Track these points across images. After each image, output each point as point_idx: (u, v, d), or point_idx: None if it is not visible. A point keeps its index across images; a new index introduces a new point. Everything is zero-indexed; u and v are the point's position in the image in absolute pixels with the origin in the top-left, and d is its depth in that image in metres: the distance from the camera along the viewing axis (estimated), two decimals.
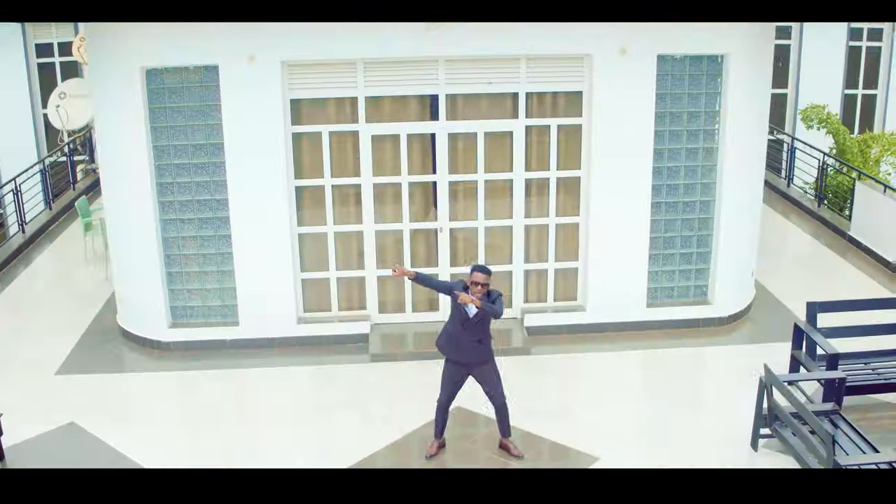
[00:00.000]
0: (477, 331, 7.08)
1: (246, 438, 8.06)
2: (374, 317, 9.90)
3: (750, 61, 9.50)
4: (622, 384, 8.96)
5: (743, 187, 9.85)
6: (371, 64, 9.14)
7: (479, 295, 6.89)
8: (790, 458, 7.38)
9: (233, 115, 9.05)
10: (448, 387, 7.35)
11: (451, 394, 7.38)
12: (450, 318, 7.22)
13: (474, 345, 7.12)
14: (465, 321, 7.05)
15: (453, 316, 7.15)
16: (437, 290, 7.46)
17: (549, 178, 9.68)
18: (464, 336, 7.09)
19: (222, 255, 9.58)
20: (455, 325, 7.13)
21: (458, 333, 7.11)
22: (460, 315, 7.06)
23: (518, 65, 9.29)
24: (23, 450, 7.96)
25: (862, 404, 8.29)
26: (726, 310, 10.09)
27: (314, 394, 8.88)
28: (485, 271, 6.93)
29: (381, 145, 9.45)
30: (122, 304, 10.14)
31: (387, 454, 7.69)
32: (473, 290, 6.89)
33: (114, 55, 9.07)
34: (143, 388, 9.17)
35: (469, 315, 7.01)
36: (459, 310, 7.05)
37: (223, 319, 9.77)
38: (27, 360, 9.81)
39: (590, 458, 7.52)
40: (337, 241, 9.71)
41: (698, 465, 7.41)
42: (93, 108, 9.68)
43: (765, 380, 7.38)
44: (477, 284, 6.87)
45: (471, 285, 6.91)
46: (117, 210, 9.69)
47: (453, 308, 7.12)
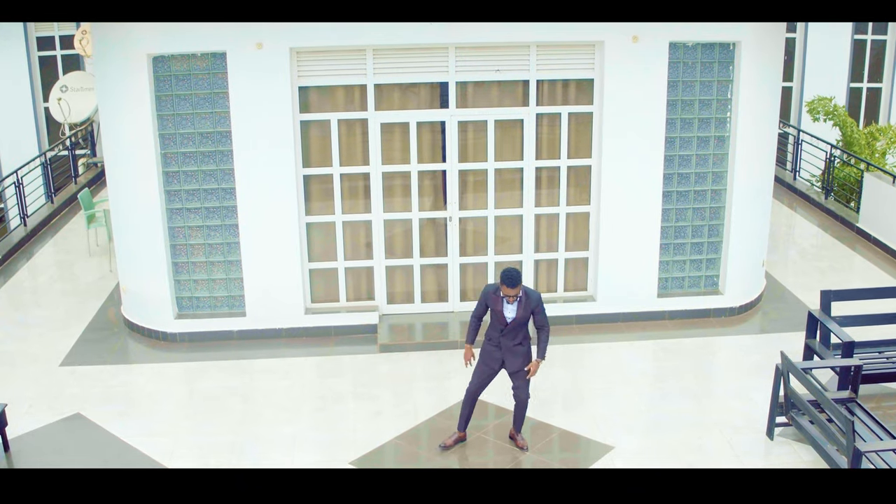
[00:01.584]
0: (516, 334, 7.01)
1: (253, 429, 7.96)
2: (383, 307, 9.80)
3: (762, 49, 9.42)
4: (634, 374, 8.87)
5: (754, 176, 9.77)
6: (380, 51, 9.04)
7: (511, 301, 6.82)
8: (807, 446, 7.32)
9: (240, 102, 8.95)
10: (480, 377, 7.20)
11: (482, 384, 7.24)
12: (490, 324, 7.12)
13: (514, 348, 7.04)
14: (505, 326, 6.97)
15: (493, 321, 7.07)
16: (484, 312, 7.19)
17: (560, 167, 9.59)
18: (504, 340, 7.02)
19: (229, 244, 9.48)
20: (495, 330, 7.06)
21: (498, 338, 7.04)
22: (499, 320, 6.99)
23: (528, 52, 9.20)
24: (28, 441, 7.86)
25: (876, 393, 8.24)
26: (737, 300, 10.01)
27: (322, 384, 8.77)
28: (514, 283, 6.72)
29: (391, 133, 9.35)
30: (127, 296, 10.04)
31: (397, 444, 7.61)
32: (506, 291, 6.78)
33: (119, 42, 8.96)
34: (148, 379, 9.06)
35: (508, 321, 6.93)
36: (496, 316, 6.97)
37: (230, 310, 9.68)
38: (31, 352, 9.71)
39: (604, 447, 7.44)
40: (345, 230, 9.61)
41: (713, 454, 7.35)
42: (98, 96, 9.56)
43: (781, 367, 7.30)
44: (507, 297, 6.81)
45: (503, 287, 6.79)
46: (122, 199, 9.58)
47: (492, 313, 7.03)
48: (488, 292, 7.01)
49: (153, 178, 9.19)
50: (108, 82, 9.23)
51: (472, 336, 7.20)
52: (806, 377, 7.01)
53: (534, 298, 6.90)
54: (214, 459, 7.44)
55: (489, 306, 7.01)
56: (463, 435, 7.47)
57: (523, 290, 6.88)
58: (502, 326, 6.98)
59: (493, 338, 7.09)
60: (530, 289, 6.97)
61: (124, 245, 9.78)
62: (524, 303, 6.86)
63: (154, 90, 9.00)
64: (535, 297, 6.92)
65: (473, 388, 7.26)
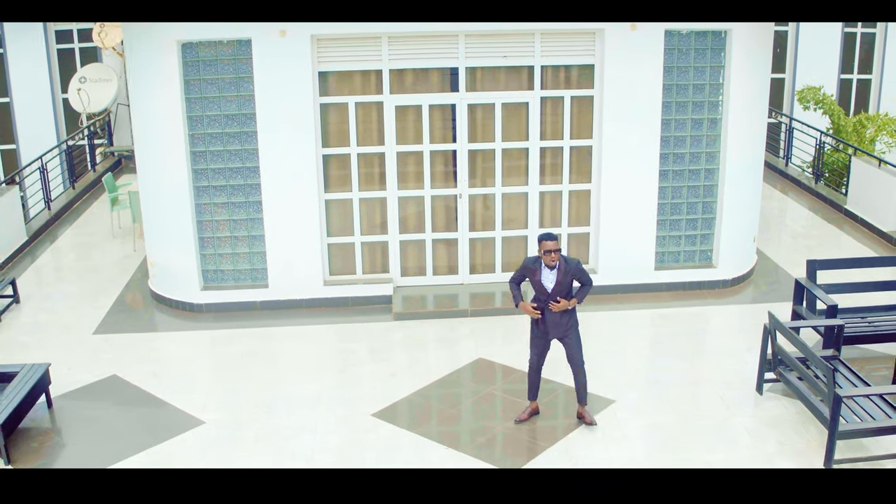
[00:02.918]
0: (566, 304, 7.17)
1: (279, 387, 8.57)
2: (397, 280, 10.41)
3: (751, 36, 10.02)
4: (633, 339, 9.49)
5: (745, 156, 10.38)
6: (395, 38, 9.64)
7: (555, 261, 6.97)
8: (793, 400, 7.92)
9: (264, 86, 9.55)
10: (538, 346, 7.40)
11: (541, 353, 7.43)
12: (533, 297, 7.28)
13: (560, 317, 7.18)
14: (547, 295, 7.12)
15: (535, 293, 7.21)
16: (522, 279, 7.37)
17: (563, 147, 10.21)
18: (548, 310, 7.16)
19: (252, 220, 10.08)
20: (538, 301, 7.20)
21: (542, 309, 7.18)
22: (540, 291, 7.13)
23: (533, 39, 9.80)
24: (69, 398, 8.46)
25: (859, 356, 8.83)
26: (730, 273, 10.63)
27: (341, 349, 9.38)
28: (552, 237, 6.99)
29: (404, 115, 9.96)
30: (155, 269, 10.63)
31: (412, 399, 8.20)
32: (547, 258, 6.98)
33: (150, 29, 9.55)
34: (177, 345, 9.66)
35: (548, 290, 7.08)
36: (537, 287, 7.12)
37: (253, 282, 10.28)
38: (64, 322, 10.30)
39: (606, 400, 8.05)
40: (361, 207, 10.22)
41: (706, 406, 7.95)
42: (128, 80, 10.14)
43: (769, 326, 7.91)
44: (549, 252, 6.95)
45: (544, 255, 6.99)
46: (152, 178, 10.18)
47: (532, 285, 7.21)
48: (527, 264, 7.18)
49: (182, 157, 9.79)
50: (139, 67, 9.82)
51: (518, 296, 7.37)
52: (792, 333, 7.63)
53: (572, 263, 7.09)
54: (246, 413, 8.04)
55: (529, 277, 7.17)
56: (536, 406, 7.66)
57: (561, 258, 7.07)
58: (544, 297, 7.12)
59: (537, 309, 7.23)
60: (568, 256, 7.18)
61: (153, 221, 10.38)
62: (563, 269, 7.04)
63: (183, 74, 9.60)
64: (574, 261, 7.12)
65: (534, 359, 7.46)
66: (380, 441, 7.48)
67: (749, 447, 7.28)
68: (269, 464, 7.21)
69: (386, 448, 7.38)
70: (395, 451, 7.33)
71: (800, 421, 7.66)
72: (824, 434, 7.18)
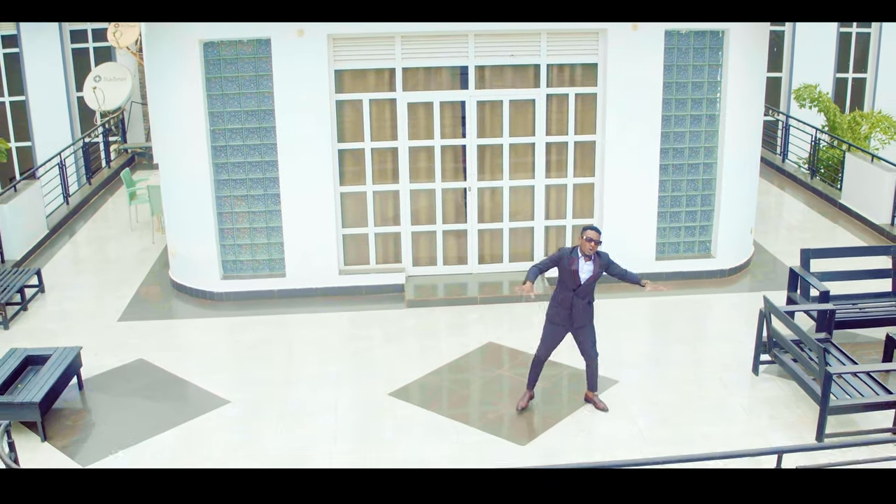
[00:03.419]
0: (587, 292, 7.46)
1: (300, 368, 9.04)
2: (409, 269, 10.86)
3: (748, 35, 10.47)
4: (635, 324, 9.95)
5: (742, 151, 10.83)
6: (408, 38, 10.09)
7: (594, 250, 7.28)
8: (788, 381, 8.37)
9: (283, 83, 10.00)
10: (549, 344, 7.66)
11: (550, 350, 7.71)
12: (558, 284, 7.54)
13: (585, 307, 7.49)
14: (578, 287, 7.38)
15: (562, 281, 7.47)
16: (550, 267, 7.58)
17: (568, 142, 10.66)
18: (576, 299, 7.44)
19: (271, 212, 10.53)
20: (565, 290, 7.45)
21: (571, 300, 7.44)
22: (572, 281, 7.39)
23: (539, 39, 10.25)
24: (100, 381, 8.90)
25: (850, 341, 9.27)
26: (728, 263, 11.09)
27: (357, 334, 9.82)
28: (597, 229, 7.35)
29: (416, 112, 10.41)
30: (175, 259, 11.08)
31: (425, 380, 8.65)
32: (586, 246, 7.26)
33: (173, 29, 9.98)
34: (200, 331, 10.11)
35: (581, 281, 7.37)
36: (570, 276, 7.37)
37: (271, 271, 10.73)
38: (89, 311, 10.74)
39: (610, 380, 8.50)
40: (375, 199, 10.67)
41: (705, 386, 8.41)
42: (148, 77, 10.57)
43: (764, 310, 8.37)
44: (591, 241, 7.24)
45: (585, 242, 7.27)
46: (174, 172, 10.62)
47: (560, 273, 7.45)
48: (564, 255, 7.38)
49: (203, 152, 10.23)
50: (161, 65, 10.26)
51: (533, 278, 7.45)
52: (786, 317, 8.08)
53: (604, 256, 7.43)
54: (269, 393, 8.49)
55: (563, 267, 7.38)
56: (532, 393, 7.96)
57: (599, 253, 7.40)
58: (575, 286, 7.36)
59: (563, 299, 7.47)
60: (601, 250, 7.52)
61: (174, 213, 10.82)
62: (597, 261, 7.38)
63: (205, 72, 10.04)
64: (605, 255, 7.45)
65: (543, 353, 7.72)
66: (397, 418, 7.93)
67: (744, 422, 7.73)
68: (295, 439, 7.65)
69: (403, 424, 7.83)
70: (411, 426, 7.78)
71: (793, 399, 8.11)
72: (816, 411, 7.62)
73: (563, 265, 7.42)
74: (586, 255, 7.36)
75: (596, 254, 7.41)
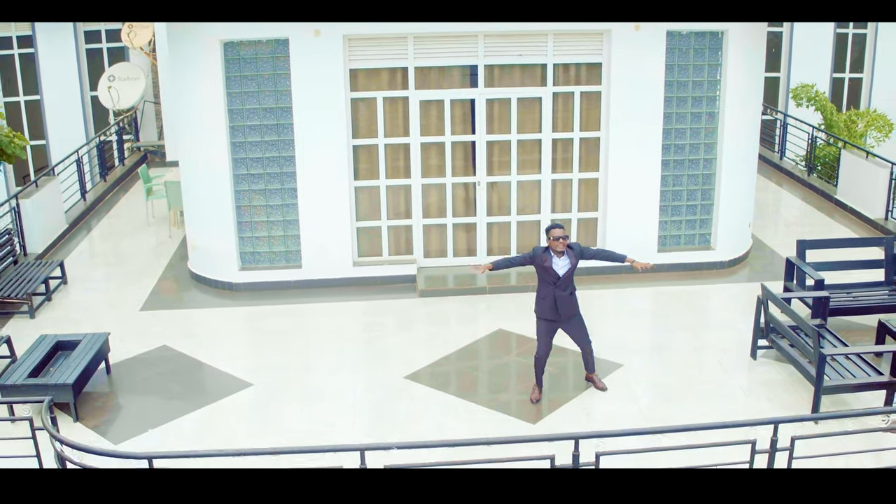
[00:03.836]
0: (567, 284, 7.78)
1: (318, 353, 9.46)
2: (420, 261, 11.28)
3: (746, 36, 10.90)
4: (638, 313, 10.37)
5: (740, 147, 11.25)
6: (420, 38, 10.51)
7: (563, 247, 7.61)
8: (784, 364, 8.78)
9: (300, 82, 10.41)
10: (546, 341, 7.99)
11: (548, 346, 8.02)
12: (539, 282, 7.84)
13: (568, 297, 7.80)
14: (557, 280, 7.70)
15: (541, 278, 7.79)
16: (519, 265, 7.96)
17: (573, 139, 11.08)
18: (559, 292, 7.76)
19: (287, 205, 10.94)
20: (545, 286, 7.76)
21: (551, 293, 7.75)
22: (550, 276, 7.70)
23: (546, 39, 10.68)
24: (126, 366, 9.30)
25: (844, 327, 9.67)
26: (727, 255, 11.51)
27: (371, 322, 10.23)
28: (559, 226, 7.71)
29: (428, 109, 10.83)
30: (195, 252, 11.49)
31: (437, 364, 9.06)
32: (556, 245, 7.61)
33: (194, 30, 10.40)
34: (220, 320, 10.51)
35: (559, 274, 7.70)
36: (546, 272, 7.69)
37: (287, 263, 11.14)
38: (112, 300, 11.15)
39: (614, 364, 8.92)
40: (388, 193, 11.09)
41: (706, 370, 8.82)
42: (171, 75, 10.99)
43: (761, 297, 8.78)
44: (558, 239, 7.60)
45: (553, 242, 7.62)
46: (194, 167, 11.03)
47: (538, 272, 7.80)
48: (538, 253, 7.72)
49: (223, 147, 10.64)
50: (183, 64, 10.68)
51: (498, 264, 7.92)
52: (783, 303, 8.50)
53: (576, 247, 7.80)
54: (289, 377, 8.90)
55: (538, 265, 7.72)
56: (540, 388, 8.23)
57: (568, 245, 7.76)
58: (555, 280, 7.69)
59: (546, 294, 7.78)
60: (570, 242, 7.88)
61: (194, 207, 11.24)
62: (570, 254, 7.75)
63: (225, 71, 10.46)
64: (576, 245, 7.83)
65: (543, 351, 8.01)
66: (413, 399, 8.35)
67: (743, 402, 8.15)
68: (316, 418, 8.05)
69: (419, 405, 8.24)
70: (427, 406, 8.19)
71: (789, 381, 8.52)
72: (811, 393, 8.01)
73: (538, 263, 7.74)
74: (558, 252, 7.71)
75: (567, 247, 7.74)
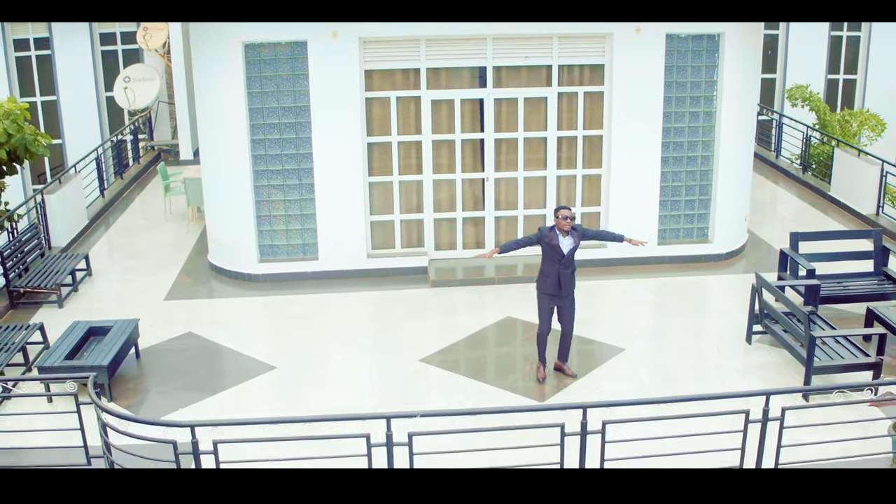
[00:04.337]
0: (570, 262, 8.33)
1: (335, 339, 10.01)
2: (431, 253, 11.81)
3: (742, 39, 11.43)
4: (639, 301, 10.90)
5: (737, 145, 11.79)
6: (431, 41, 11.05)
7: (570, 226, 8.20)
8: (778, 349, 9.30)
9: (317, 82, 10.94)
10: (547, 318, 8.49)
11: (549, 322, 8.53)
12: (543, 260, 8.36)
13: (570, 276, 8.36)
14: (562, 258, 8.23)
15: (547, 256, 8.31)
16: (525, 245, 8.50)
17: (577, 137, 11.62)
18: (563, 269, 8.31)
19: (305, 200, 11.47)
20: (550, 264, 8.29)
21: (557, 270, 8.28)
22: (554, 254, 8.25)
23: (551, 42, 11.21)
24: (154, 350, 9.82)
25: (835, 315, 10.19)
26: (724, 247, 12.05)
27: (385, 310, 10.75)
28: (567, 207, 8.32)
29: (439, 108, 11.37)
30: (214, 245, 12.01)
31: (448, 349, 9.58)
32: (564, 224, 8.16)
33: (217, 32, 10.92)
34: (241, 309, 11.04)
35: (564, 252, 8.25)
36: (553, 250, 8.23)
37: (304, 255, 11.67)
38: (137, 290, 11.67)
39: (617, 348, 9.45)
40: (401, 188, 11.62)
41: (704, 353, 9.35)
42: (194, 75, 11.51)
43: (756, 285, 9.31)
44: (566, 218, 8.17)
45: (562, 221, 8.16)
46: (215, 163, 11.56)
47: (544, 250, 8.32)
48: (544, 233, 8.25)
49: (243, 145, 11.17)
50: (205, 64, 11.20)
51: (505, 247, 8.47)
52: (776, 289, 9.03)
53: (578, 227, 8.39)
54: (310, 360, 9.42)
55: (545, 243, 8.23)
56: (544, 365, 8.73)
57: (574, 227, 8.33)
58: (560, 258, 8.23)
59: (550, 272, 8.31)
60: (575, 222, 8.46)
61: (215, 201, 11.76)
62: (575, 234, 8.31)
63: (246, 71, 10.98)
64: (580, 226, 8.44)
65: (544, 327, 8.50)
66: (428, 379, 8.88)
67: (738, 382, 8.68)
68: (338, 397, 8.57)
69: (433, 384, 8.77)
70: (440, 386, 8.72)
71: (782, 364, 9.05)
72: (803, 374, 8.54)
73: (545, 242, 8.29)
74: (564, 231, 8.26)
75: (572, 228, 8.33)
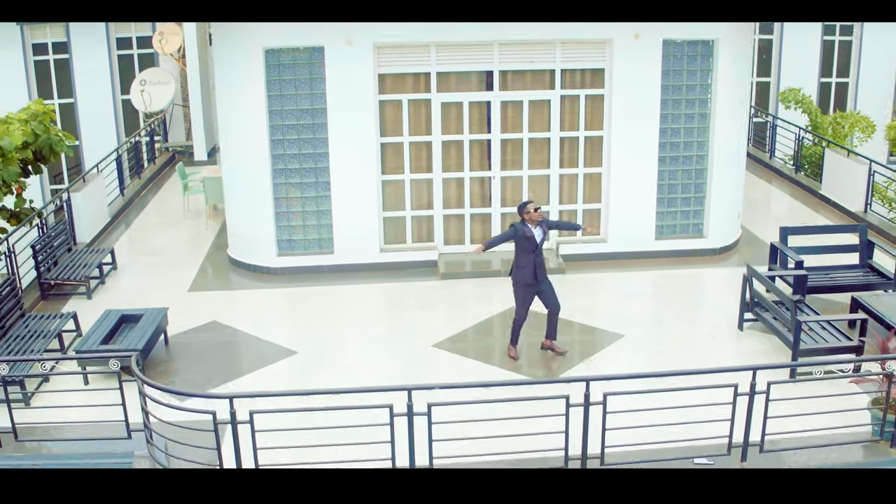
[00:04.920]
0: (541, 251, 9.11)
1: (352, 327, 10.64)
2: (441, 248, 12.45)
3: (734, 44, 12.08)
4: (638, 293, 11.54)
5: (730, 145, 12.43)
6: (441, 47, 11.69)
7: (540, 218, 9.03)
8: (768, 335, 9.92)
9: (334, 85, 11.58)
10: (525, 306, 9.23)
11: (527, 309, 9.27)
12: (517, 253, 9.07)
13: (543, 263, 9.13)
14: (536, 248, 9.02)
15: (521, 249, 9.01)
16: (503, 241, 9.27)
17: (579, 137, 12.26)
18: (537, 258, 9.05)
19: (321, 197, 12.10)
20: (526, 255, 9.01)
21: (531, 260, 9.01)
22: (529, 245, 8.98)
23: (555, 48, 11.85)
24: (182, 337, 10.43)
25: (822, 305, 10.82)
26: (718, 242, 12.68)
27: (398, 301, 11.38)
28: (532, 201, 9.12)
29: (448, 110, 12.01)
30: (234, 239, 12.64)
31: (457, 336, 10.22)
32: (536, 216, 8.96)
33: (238, 37, 11.54)
34: (261, 300, 11.66)
35: (538, 242, 9.03)
36: (528, 242, 8.95)
37: (320, 249, 12.30)
38: (160, 283, 12.27)
39: (616, 335, 10.09)
40: (412, 186, 12.26)
41: (698, 340, 9.98)
42: (217, 78, 12.15)
43: (747, 274, 9.95)
44: (538, 210, 8.98)
45: (534, 214, 8.93)
46: (235, 162, 12.19)
47: (518, 244, 9.02)
48: (518, 229, 9.01)
49: (263, 144, 11.80)
50: (227, 68, 11.84)
51: (489, 243, 9.28)
52: (765, 279, 9.66)
53: (544, 219, 9.15)
54: (330, 346, 10.05)
55: (520, 237, 8.94)
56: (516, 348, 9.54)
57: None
58: (534, 248, 9.00)
59: (526, 263, 9.03)
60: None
61: (235, 198, 12.39)
62: (542, 225, 9.12)
63: (266, 75, 11.62)
64: (545, 218, 9.17)
65: (522, 314, 9.25)
66: (442, 363, 9.52)
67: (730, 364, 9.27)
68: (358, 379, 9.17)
69: (445, 366, 9.41)
70: (455, 368, 9.35)
71: (772, 349, 9.68)
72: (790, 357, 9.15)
73: (520, 235, 9.00)
74: (535, 222, 9.01)
75: (543, 220, 9.11)
